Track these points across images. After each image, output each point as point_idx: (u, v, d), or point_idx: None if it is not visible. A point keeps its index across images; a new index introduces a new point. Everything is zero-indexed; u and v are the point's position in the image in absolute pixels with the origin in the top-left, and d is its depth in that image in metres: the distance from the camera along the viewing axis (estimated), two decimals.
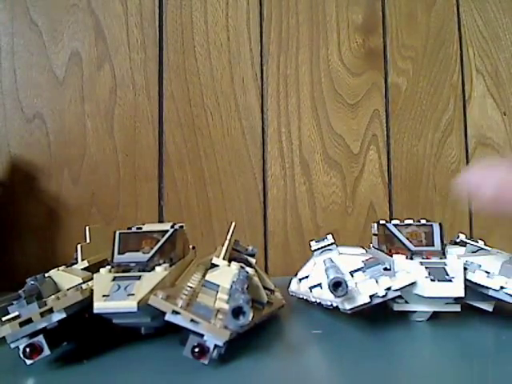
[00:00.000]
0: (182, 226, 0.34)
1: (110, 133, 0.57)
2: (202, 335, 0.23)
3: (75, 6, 0.58)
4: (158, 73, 0.59)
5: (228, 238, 0.36)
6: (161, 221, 0.57)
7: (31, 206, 0.55)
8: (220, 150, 0.60)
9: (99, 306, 0.24)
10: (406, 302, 0.31)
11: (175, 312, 0.23)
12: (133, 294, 0.24)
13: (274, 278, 0.46)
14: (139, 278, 0.26)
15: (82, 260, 0.34)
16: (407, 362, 0.26)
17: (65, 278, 0.31)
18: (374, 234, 0.38)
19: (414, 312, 0.31)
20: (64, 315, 0.24)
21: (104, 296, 0.24)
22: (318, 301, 0.32)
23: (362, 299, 0.26)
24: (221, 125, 0.60)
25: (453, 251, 0.34)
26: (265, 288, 0.34)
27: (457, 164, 0.66)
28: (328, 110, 0.63)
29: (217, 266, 0.32)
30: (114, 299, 0.24)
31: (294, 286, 0.39)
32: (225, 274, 0.30)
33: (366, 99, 0.64)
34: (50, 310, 0.24)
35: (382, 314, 0.33)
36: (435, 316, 0.32)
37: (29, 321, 0.24)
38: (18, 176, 0.55)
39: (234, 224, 0.37)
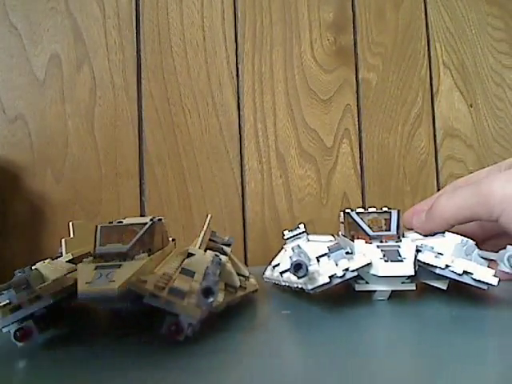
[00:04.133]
0: (160, 219, 0.37)
1: (91, 132, 0.59)
2: (177, 315, 0.26)
3: (54, 9, 0.59)
4: (136, 73, 0.61)
5: (204, 229, 0.38)
6: (142, 216, 0.59)
7: (16, 204, 0.57)
8: (199, 147, 0.62)
9: (83, 291, 0.26)
10: (367, 283, 0.34)
11: (152, 295, 0.26)
12: (113, 281, 0.26)
13: (253, 267, 0.49)
14: (119, 266, 0.28)
15: (67, 253, 0.36)
16: (366, 334, 0.28)
17: (50, 269, 0.33)
18: (342, 222, 0.41)
19: (375, 292, 0.34)
20: (51, 301, 0.27)
21: (87, 283, 0.26)
22: (288, 284, 0.35)
23: (322, 279, 0.29)
24: (199, 122, 0.62)
25: (411, 235, 0.37)
26: (239, 275, 0.37)
27: (426, 155, 0.69)
28: (302, 106, 0.65)
29: (193, 254, 0.34)
30: (96, 285, 0.26)
31: (268, 273, 0.42)
32: (200, 261, 0.32)
33: (338, 95, 0.67)
34: (38, 297, 0.26)
35: (346, 296, 0.36)
36: (396, 295, 0.35)
37: (18, 307, 0.26)
38: (2, 176, 0.57)
39: (210, 216, 0.40)
